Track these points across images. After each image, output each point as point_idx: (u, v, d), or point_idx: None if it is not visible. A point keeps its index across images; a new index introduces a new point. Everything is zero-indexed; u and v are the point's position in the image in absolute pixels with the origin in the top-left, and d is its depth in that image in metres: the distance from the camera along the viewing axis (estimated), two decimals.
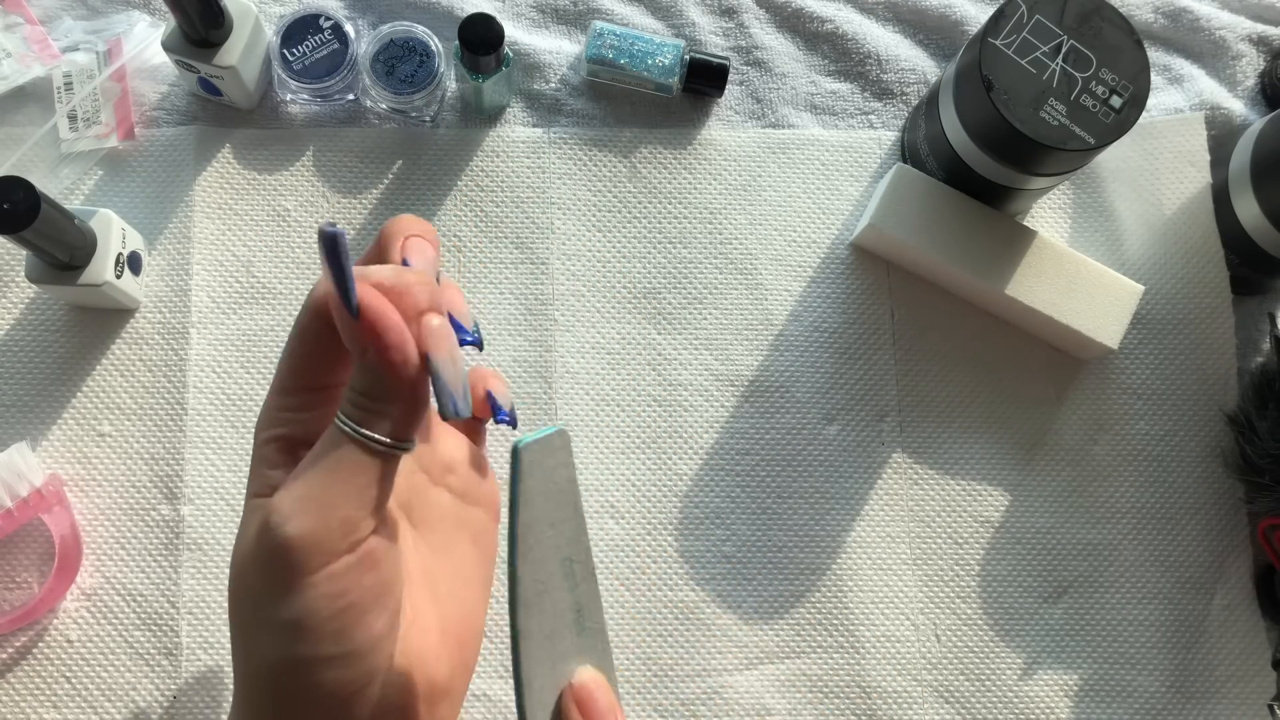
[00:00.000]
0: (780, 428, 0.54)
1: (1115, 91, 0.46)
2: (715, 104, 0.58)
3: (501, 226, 0.55)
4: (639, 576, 0.52)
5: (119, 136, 0.54)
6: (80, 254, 0.48)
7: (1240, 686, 0.53)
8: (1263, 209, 0.52)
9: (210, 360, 0.53)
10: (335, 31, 0.54)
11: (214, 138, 0.55)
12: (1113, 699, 0.52)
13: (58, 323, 0.53)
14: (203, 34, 0.50)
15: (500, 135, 0.56)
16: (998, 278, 0.52)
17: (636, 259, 0.56)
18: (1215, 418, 0.55)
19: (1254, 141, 0.53)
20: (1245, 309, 0.57)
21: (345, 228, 0.55)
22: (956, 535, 0.54)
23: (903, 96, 0.58)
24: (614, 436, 0.54)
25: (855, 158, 0.57)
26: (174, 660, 0.50)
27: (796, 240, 0.56)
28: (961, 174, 0.51)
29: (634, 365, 0.54)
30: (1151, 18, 0.59)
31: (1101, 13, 0.47)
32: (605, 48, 0.56)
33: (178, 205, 0.54)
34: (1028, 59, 0.46)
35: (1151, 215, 0.57)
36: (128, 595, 0.51)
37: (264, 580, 0.30)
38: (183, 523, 0.51)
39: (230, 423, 0.52)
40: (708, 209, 0.56)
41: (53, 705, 0.49)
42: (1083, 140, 0.45)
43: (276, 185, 0.55)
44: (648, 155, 0.57)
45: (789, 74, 0.58)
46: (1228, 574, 0.54)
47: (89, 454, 0.52)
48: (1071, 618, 0.53)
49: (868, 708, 0.51)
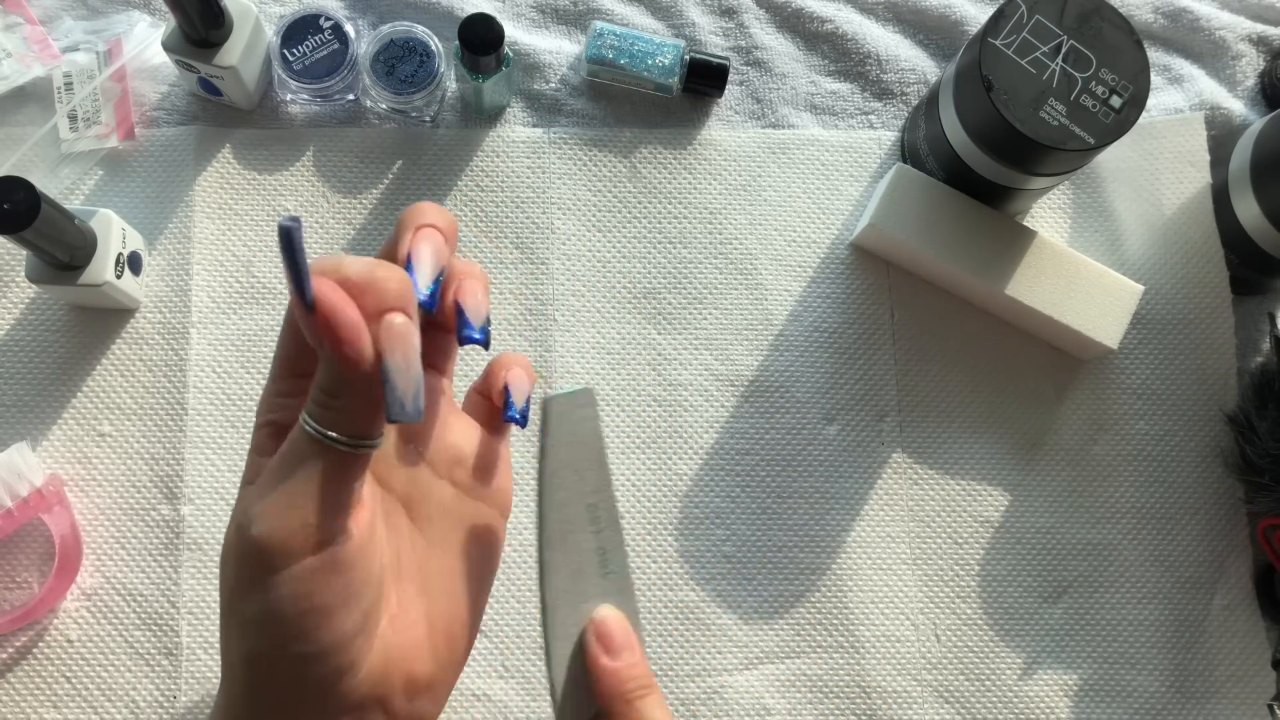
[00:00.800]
0: (780, 428, 0.54)
1: (1115, 91, 0.46)
2: (715, 104, 0.58)
3: (501, 226, 0.55)
4: (639, 576, 0.52)
5: (119, 136, 0.54)
6: (80, 254, 0.48)
7: (1240, 686, 0.53)
8: (1262, 209, 0.52)
9: (210, 360, 0.53)
10: (335, 31, 0.54)
11: (214, 138, 0.55)
12: (1113, 699, 0.52)
13: (58, 323, 0.53)
14: (203, 34, 0.50)
15: (500, 135, 0.56)
16: (998, 278, 0.52)
17: (636, 259, 0.56)
18: (1215, 418, 0.55)
19: (1254, 141, 0.53)
20: (1245, 309, 0.57)
21: (345, 227, 0.55)
22: (956, 535, 0.54)
23: (903, 96, 0.58)
24: (614, 436, 0.54)
25: (855, 158, 0.57)
26: (174, 660, 0.50)
27: (796, 240, 0.56)
28: (961, 174, 0.51)
29: (634, 365, 0.54)
30: (1151, 18, 0.59)
31: (1101, 13, 0.47)
32: (605, 48, 0.56)
33: (178, 205, 0.54)
34: (1028, 59, 0.46)
35: (1151, 215, 0.57)
36: (128, 595, 0.51)
37: (234, 576, 0.30)
38: (183, 523, 0.51)
39: (230, 423, 0.52)
40: (708, 209, 0.56)
41: (53, 705, 0.49)
42: (1083, 140, 0.45)
43: (276, 185, 0.55)
44: (648, 155, 0.57)
45: (789, 74, 0.58)
46: (1228, 574, 0.54)
47: (89, 454, 0.52)
48: (1071, 618, 0.53)
49: (868, 708, 0.51)
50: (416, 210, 0.33)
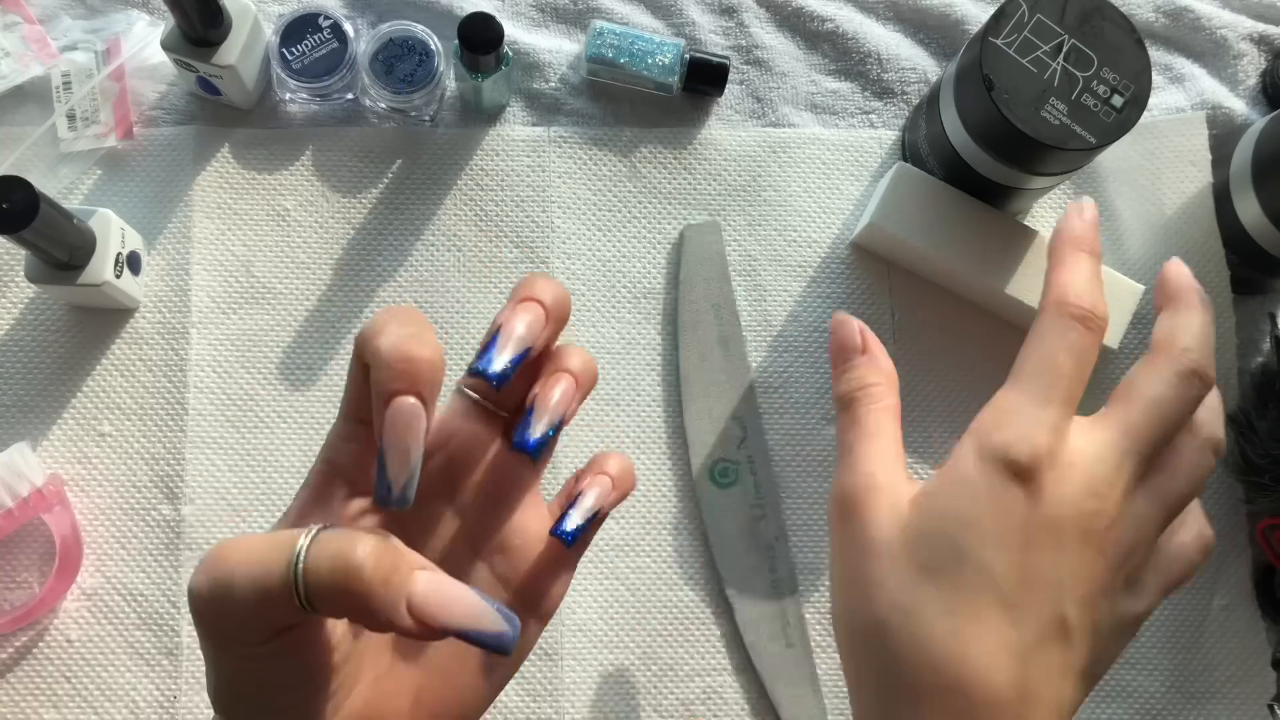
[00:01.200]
0: (780, 428, 0.54)
1: (1116, 91, 0.46)
2: (715, 103, 0.58)
3: (501, 226, 0.55)
4: (639, 576, 0.52)
5: (118, 136, 0.54)
6: (80, 254, 0.48)
7: (1240, 686, 0.53)
8: (1264, 208, 0.52)
9: (210, 360, 0.53)
10: (334, 30, 0.54)
11: (213, 137, 0.55)
12: (1113, 699, 0.52)
13: (58, 323, 0.53)
14: (202, 33, 0.50)
15: (500, 134, 0.56)
16: (999, 277, 0.52)
17: (636, 259, 0.56)
18: None
19: (1255, 141, 0.53)
20: (1245, 309, 0.57)
21: (345, 227, 0.55)
22: None
23: (903, 96, 0.58)
24: (614, 436, 0.54)
25: (855, 157, 0.57)
26: (174, 660, 0.50)
27: (796, 240, 0.56)
28: (962, 173, 0.51)
29: (634, 365, 0.54)
30: (1152, 17, 0.59)
31: (1102, 12, 0.46)
32: (605, 47, 0.55)
33: (177, 205, 0.54)
34: (1029, 58, 0.46)
35: (1152, 215, 0.57)
36: (128, 595, 0.51)
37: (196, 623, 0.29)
38: (183, 523, 0.51)
39: (230, 423, 0.52)
40: (708, 209, 0.56)
41: (53, 705, 0.49)
42: (1084, 140, 0.45)
43: (276, 185, 0.55)
44: (648, 155, 0.57)
45: (789, 73, 0.58)
46: (1227, 574, 0.54)
47: (89, 454, 0.52)
48: None
49: None
50: (530, 281, 0.31)
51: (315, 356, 0.53)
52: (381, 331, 0.28)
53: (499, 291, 0.55)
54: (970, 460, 0.36)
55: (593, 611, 0.52)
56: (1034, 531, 0.34)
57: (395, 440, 0.27)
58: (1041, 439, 0.35)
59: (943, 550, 0.35)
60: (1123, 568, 0.36)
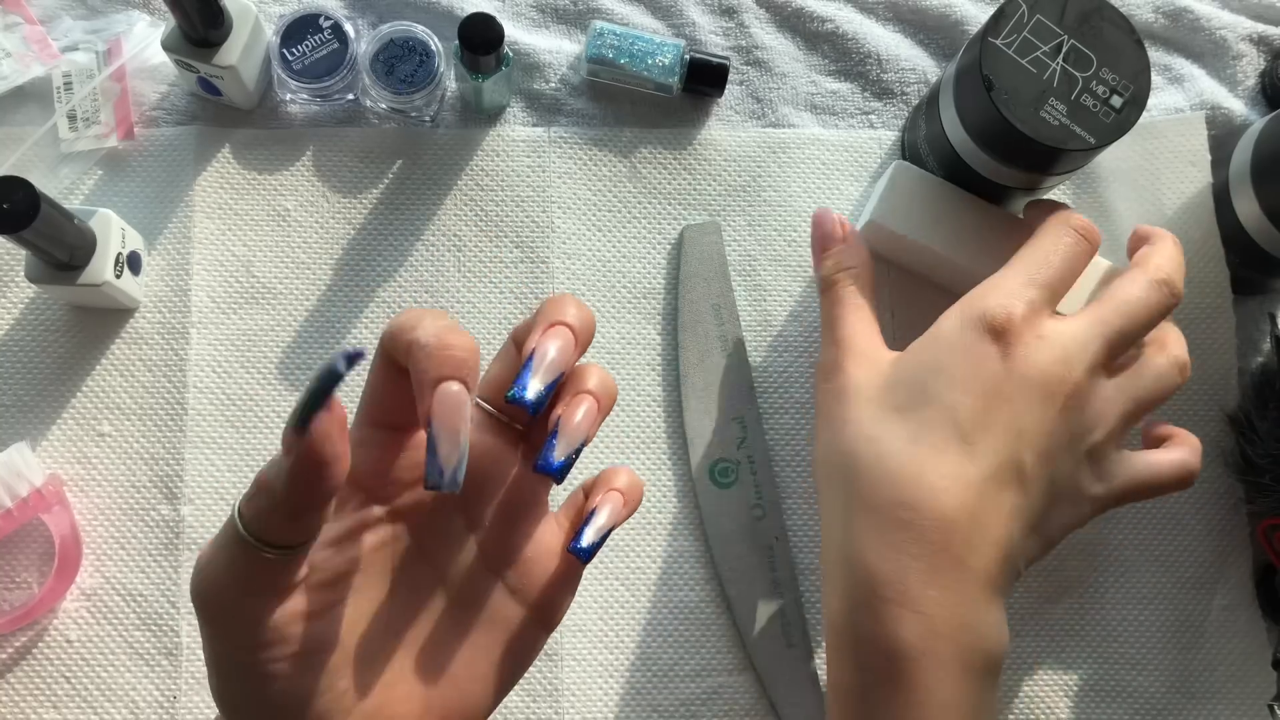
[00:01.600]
0: (780, 428, 0.54)
1: (1116, 91, 0.46)
2: (715, 104, 0.58)
3: (501, 226, 0.55)
4: (639, 576, 0.52)
5: (119, 136, 0.54)
6: (80, 254, 0.48)
7: (1240, 687, 0.53)
8: (1263, 209, 0.52)
9: (210, 360, 0.53)
10: (335, 31, 0.54)
11: (214, 138, 0.55)
12: (1113, 699, 0.52)
13: (58, 323, 0.53)
14: (202, 34, 0.50)
15: (500, 135, 0.56)
16: None
17: (636, 259, 0.56)
18: (1215, 418, 0.55)
19: (1254, 141, 0.53)
20: (1245, 309, 0.57)
21: (345, 227, 0.55)
22: None
23: (903, 96, 0.58)
24: (614, 436, 0.54)
25: (855, 157, 0.57)
26: (174, 660, 0.50)
27: (796, 240, 0.56)
28: (962, 174, 0.51)
29: (634, 365, 0.54)
30: (1152, 17, 0.59)
31: (1102, 12, 0.46)
32: (605, 47, 0.56)
33: (177, 205, 0.54)
34: (1028, 59, 0.46)
35: (1152, 215, 0.57)
36: (128, 595, 0.51)
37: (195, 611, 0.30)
38: (183, 523, 0.51)
39: (230, 423, 0.52)
40: (708, 209, 0.56)
41: (53, 705, 0.49)
42: (1083, 140, 0.45)
43: (276, 185, 0.55)
44: (648, 155, 0.57)
45: (789, 74, 0.58)
46: (1228, 574, 0.54)
47: (89, 454, 0.52)
48: (1071, 618, 0.53)
49: None
50: (557, 303, 0.32)
51: (315, 356, 0.53)
52: (417, 325, 0.29)
53: (499, 292, 0.55)
54: (951, 321, 0.41)
55: (593, 611, 0.52)
56: (1001, 383, 0.38)
57: (446, 422, 0.28)
58: (1019, 308, 0.40)
59: (914, 393, 0.40)
60: (1084, 438, 0.40)
